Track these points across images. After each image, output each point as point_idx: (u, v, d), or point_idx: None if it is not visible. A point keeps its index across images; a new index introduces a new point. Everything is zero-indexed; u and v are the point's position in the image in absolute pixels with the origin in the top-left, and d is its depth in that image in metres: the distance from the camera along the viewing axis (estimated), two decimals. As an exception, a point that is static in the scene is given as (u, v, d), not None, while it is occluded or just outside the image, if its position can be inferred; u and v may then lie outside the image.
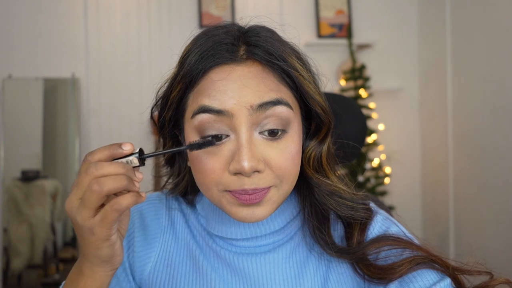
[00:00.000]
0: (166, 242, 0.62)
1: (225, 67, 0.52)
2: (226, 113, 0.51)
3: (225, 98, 0.51)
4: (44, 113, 2.54)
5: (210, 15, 2.61)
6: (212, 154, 0.52)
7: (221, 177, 0.52)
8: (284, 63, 0.53)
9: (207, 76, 0.53)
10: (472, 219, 2.36)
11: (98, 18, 2.54)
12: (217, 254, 0.60)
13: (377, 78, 2.75)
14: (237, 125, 0.51)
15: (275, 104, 0.51)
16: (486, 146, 2.21)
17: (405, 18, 2.86)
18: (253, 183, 0.51)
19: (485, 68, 2.22)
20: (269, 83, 0.52)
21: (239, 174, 0.51)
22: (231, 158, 0.51)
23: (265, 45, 0.53)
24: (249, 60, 0.53)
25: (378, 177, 2.64)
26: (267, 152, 0.52)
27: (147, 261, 0.60)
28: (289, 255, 0.60)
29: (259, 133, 0.52)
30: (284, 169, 0.52)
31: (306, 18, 2.75)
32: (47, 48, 2.50)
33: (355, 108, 1.02)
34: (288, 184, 0.54)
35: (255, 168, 0.50)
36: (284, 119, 0.52)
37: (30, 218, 2.44)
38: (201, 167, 0.53)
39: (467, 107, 2.37)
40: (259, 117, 0.51)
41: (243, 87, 0.51)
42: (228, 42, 0.53)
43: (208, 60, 0.52)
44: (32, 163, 2.51)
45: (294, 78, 0.54)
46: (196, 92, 0.53)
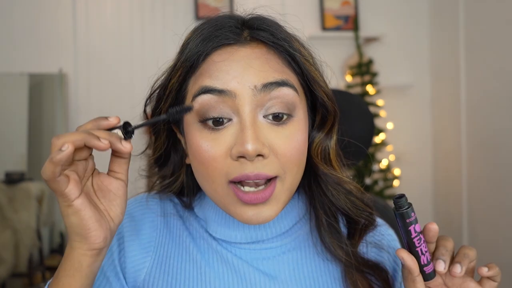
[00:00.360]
0: (163, 246, 0.61)
1: (228, 48, 0.54)
2: (229, 93, 0.51)
3: (228, 77, 0.52)
4: (30, 111, 2.54)
5: (206, 6, 2.61)
6: (213, 140, 0.52)
7: (224, 164, 0.52)
8: (289, 45, 0.54)
9: (208, 58, 0.54)
10: (487, 224, 2.35)
11: (87, 10, 2.54)
12: (222, 258, 0.60)
13: (385, 74, 2.75)
14: (240, 106, 0.51)
15: (280, 85, 0.52)
16: (502, 145, 2.21)
17: (415, 9, 2.86)
18: (256, 168, 0.51)
19: (500, 62, 2.22)
20: (274, 64, 0.54)
21: (242, 158, 0.51)
22: (234, 143, 0.51)
23: (270, 28, 0.55)
24: (253, 42, 0.55)
25: (387, 179, 2.64)
26: (272, 138, 0.52)
27: (141, 266, 0.60)
28: (300, 259, 0.61)
29: (264, 116, 0.53)
30: (289, 157, 0.53)
31: (309, 10, 2.76)
32: (33, 42, 2.50)
33: (362, 106, 1.02)
34: (292, 176, 0.54)
35: (260, 151, 0.50)
36: (289, 102, 0.53)
37: (14, 223, 2.44)
38: (202, 156, 0.53)
39: (482, 104, 2.37)
40: (264, 98, 0.52)
41: (247, 67, 0.52)
42: (232, 25, 0.55)
43: (210, 42, 0.54)
44: (17, 165, 2.51)
45: (299, 63, 0.55)
46: (197, 75, 0.54)
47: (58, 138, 0.44)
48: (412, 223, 0.51)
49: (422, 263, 0.52)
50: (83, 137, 0.45)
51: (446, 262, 0.52)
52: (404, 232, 0.52)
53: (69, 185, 0.46)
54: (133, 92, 2.51)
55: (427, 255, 0.52)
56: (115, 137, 0.48)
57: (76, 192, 0.46)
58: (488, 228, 2.34)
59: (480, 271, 0.52)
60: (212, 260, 0.60)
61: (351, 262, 0.59)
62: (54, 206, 2.53)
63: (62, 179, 0.45)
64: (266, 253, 0.60)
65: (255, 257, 0.60)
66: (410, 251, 0.52)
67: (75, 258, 0.48)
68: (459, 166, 2.56)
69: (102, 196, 0.51)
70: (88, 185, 0.50)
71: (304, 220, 0.63)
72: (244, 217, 0.53)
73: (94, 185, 0.51)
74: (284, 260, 0.60)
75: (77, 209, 0.47)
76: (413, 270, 0.51)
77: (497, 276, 0.52)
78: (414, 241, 0.51)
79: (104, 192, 0.51)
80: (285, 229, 0.61)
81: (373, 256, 0.63)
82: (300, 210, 0.63)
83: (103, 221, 0.49)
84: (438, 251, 0.53)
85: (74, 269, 0.48)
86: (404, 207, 0.51)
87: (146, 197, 0.66)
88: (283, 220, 0.61)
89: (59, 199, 0.47)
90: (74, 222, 0.47)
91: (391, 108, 2.77)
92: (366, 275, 0.60)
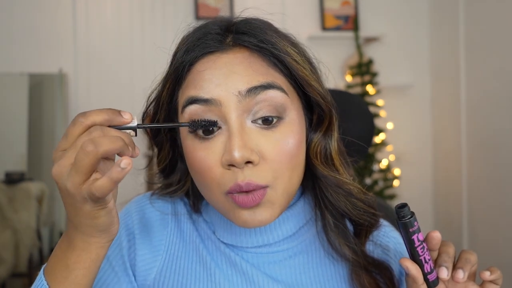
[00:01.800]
0: (174, 246, 0.61)
1: (211, 56, 0.53)
2: (214, 102, 0.51)
3: (211, 86, 0.51)
4: (30, 111, 2.54)
5: (207, 7, 2.62)
6: (206, 149, 0.52)
7: (217, 173, 0.52)
8: (273, 47, 0.53)
9: (193, 68, 0.54)
10: (487, 224, 2.35)
11: (87, 10, 2.54)
12: (230, 261, 0.60)
13: (385, 74, 2.75)
14: (227, 113, 0.51)
15: (266, 88, 0.51)
16: (502, 145, 2.22)
17: (415, 9, 2.86)
18: (246, 176, 0.50)
19: (501, 62, 2.22)
20: (258, 67, 0.52)
21: (232, 166, 0.50)
22: (224, 151, 0.51)
23: (254, 32, 0.54)
24: (236, 47, 0.54)
25: (387, 179, 2.64)
26: (262, 143, 0.51)
27: (152, 265, 0.60)
28: (307, 263, 0.61)
29: (252, 121, 0.52)
30: (279, 162, 0.52)
31: (309, 10, 2.76)
32: (33, 42, 2.50)
33: (362, 106, 1.02)
34: (284, 182, 0.53)
35: (247, 158, 0.49)
36: (278, 105, 0.52)
37: (14, 223, 2.44)
38: (198, 166, 0.53)
39: (482, 104, 2.37)
40: (250, 103, 0.51)
41: (230, 74, 0.51)
42: (215, 32, 0.54)
43: (193, 52, 0.53)
44: (17, 165, 2.51)
45: (286, 63, 0.54)
46: (184, 87, 0.54)
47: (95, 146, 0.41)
48: (415, 232, 0.51)
49: (425, 271, 0.52)
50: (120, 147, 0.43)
51: (449, 269, 0.52)
52: (407, 241, 0.51)
53: None
54: (133, 92, 2.51)
55: (430, 263, 0.52)
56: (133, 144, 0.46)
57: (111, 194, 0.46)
58: (488, 228, 2.34)
59: (482, 275, 0.52)
60: (221, 262, 0.60)
61: (358, 261, 0.59)
62: (54, 206, 2.53)
63: None
64: (273, 257, 0.60)
65: (262, 261, 0.60)
66: (413, 260, 0.52)
67: (93, 251, 0.47)
68: (459, 166, 2.56)
69: None
70: None
71: (310, 222, 0.63)
72: (241, 220, 0.52)
73: None
74: (291, 264, 0.60)
75: (110, 209, 0.46)
76: (417, 279, 0.51)
77: (498, 279, 0.53)
78: (417, 250, 0.51)
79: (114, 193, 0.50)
80: (291, 232, 0.60)
81: (379, 255, 0.63)
82: (307, 213, 0.63)
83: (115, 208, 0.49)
84: (440, 258, 0.53)
85: (90, 261, 0.48)
86: (407, 216, 0.51)
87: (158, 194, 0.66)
88: (289, 223, 0.61)
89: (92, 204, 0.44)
90: (105, 222, 0.46)
91: (391, 108, 2.77)
92: (374, 275, 0.60)
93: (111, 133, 0.45)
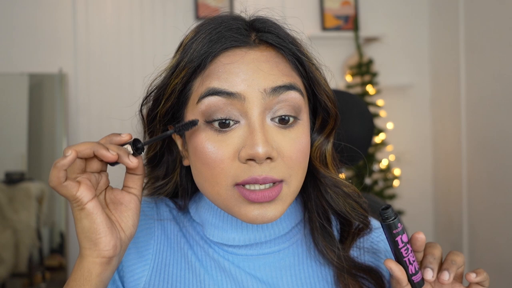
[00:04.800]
0: (161, 254, 0.61)
1: (237, 50, 0.54)
2: (238, 96, 0.51)
3: (237, 80, 0.52)
4: (30, 111, 2.54)
5: (207, 6, 2.62)
6: (219, 142, 0.52)
7: (231, 166, 0.52)
8: (297, 49, 0.55)
9: (216, 60, 0.54)
10: (487, 224, 2.35)
11: (87, 9, 2.54)
12: (219, 266, 0.59)
13: (385, 74, 2.75)
14: (249, 109, 0.51)
15: (289, 89, 0.53)
16: (503, 146, 2.21)
17: (415, 9, 2.86)
18: (264, 171, 0.51)
19: (501, 62, 2.22)
20: (283, 67, 0.54)
21: (251, 161, 0.51)
22: (242, 145, 0.51)
23: (277, 31, 0.55)
24: (262, 45, 0.55)
25: (387, 179, 2.64)
26: (279, 141, 0.53)
27: (140, 275, 0.59)
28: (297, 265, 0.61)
29: (271, 119, 0.53)
30: (295, 160, 0.53)
31: (309, 9, 2.75)
32: (33, 42, 2.50)
33: (362, 106, 1.02)
34: (297, 179, 0.55)
35: (269, 154, 0.50)
36: (296, 106, 0.54)
37: (14, 223, 2.44)
38: (208, 158, 0.52)
39: (482, 105, 2.37)
40: (272, 101, 0.52)
41: (257, 70, 0.52)
42: (239, 26, 0.55)
43: (218, 43, 0.54)
44: (17, 165, 2.51)
45: (306, 66, 0.56)
46: (204, 76, 0.54)
47: (68, 147, 0.46)
48: (399, 234, 0.51)
49: (410, 273, 0.52)
50: (92, 145, 0.46)
51: (434, 270, 0.52)
52: (391, 242, 0.52)
53: (80, 188, 0.47)
54: (133, 92, 2.51)
55: (415, 264, 0.52)
56: (123, 151, 0.49)
57: (89, 195, 0.48)
58: (488, 228, 2.34)
59: (468, 277, 0.52)
60: (210, 268, 0.59)
61: (342, 265, 0.59)
62: (54, 206, 2.53)
63: (70, 183, 0.46)
64: (264, 260, 0.60)
65: (253, 264, 0.59)
66: (398, 261, 0.52)
67: (85, 267, 0.49)
68: (459, 166, 2.56)
69: (114, 208, 0.52)
70: (101, 198, 0.52)
71: (300, 224, 0.63)
72: (249, 216, 0.52)
73: (107, 199, 0.52)
74: (282, 266, 0.60)
75: (90, 212, 0.48)
76: (401, 280, 0.52)
77: (485, 281, 0.52)
78: (401, 251, 0.51)
79: (116, 204, 0.52)
80: (283, 231, 0.60)
81: (369, 260, 0.63)
82: (299, 213, 0.63)
83: (114, 229, 0.50)
84: (426, 260, 0.53)
85: (83, 278, 0.48)
86: (391, 218, 0.51)
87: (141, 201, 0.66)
88: (282, 222, 0.61)
89: (71, 204, 0.48)
90: (85, 226, 0.48)
91: (391, 108, 2.77)
92: (359, 279, 0.60)
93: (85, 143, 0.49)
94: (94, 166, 0.49)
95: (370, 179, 2.61)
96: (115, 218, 0.51)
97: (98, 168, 0.50)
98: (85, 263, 0.49)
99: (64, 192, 0.46)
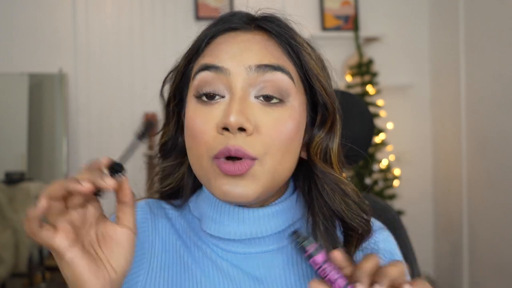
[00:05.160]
0: (156, 257, 0.60)
1: (232, 33, 0.57)
2: (224, 71, 0.54)
3: (226, 56, 0.55)
4: (30, 111, 2.54)
5: (207, 6, 2.61)
6: (205, 114, 0.54)
7: (210, 137, 0.53)
8: (291, 37, 0.57)
9: (214, 41, 0.57)
10: (487, 224, 2.35)
11: (87, 9, 2.54)
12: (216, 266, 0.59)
13: (385, 74, 2.75)
14: (232, 82, 0.54)
15: (275, 69, 0.54)
16: (503, 146, 2.21)
17: (415, 9, 2.86)
18: (237, 142, 0.52)
19: (501, 62, 2.22)
20: (273, 50, 0.56)
21: (226, 131, 0.52)
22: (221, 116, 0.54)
23: (278, 22, 0.58)
24: (258, 30, 0.58)
25: (387, 179, 2.64)
26: (260, 117, 0.53)
27: (135, 280, 0.58)
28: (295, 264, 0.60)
29: (255, 97, 0.54)
30: (273, 138, 0.53)
31: (309, 9, 2.76)
32: (33, 42, 2.50)
33: (362, 106, 1.02)
34: (274, 160, 0.54)
35: (242, 124, 0.51)
36: (283, 89, 0.54)
37: (14, 223, 2.44)
38: (193, 130, 0.55)
39: (482, 105, 2.37)
40: (257, 79, 0.54)
41: (246, 49, 0.55)
42: (243, 15, 0.59)
43: (217, 26, 0.58)
44: (17, 165, 2.51)
45: (300, 55, 0.57)
46: (202, 56, 0.57)
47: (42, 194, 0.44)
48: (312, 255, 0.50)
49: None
50: (61, 185, 0.43)
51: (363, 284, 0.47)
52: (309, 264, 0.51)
53: (57, 236, 0.44)
54: (133, 92, 2.51)
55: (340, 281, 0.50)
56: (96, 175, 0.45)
57: (66, 243, 0.45)
58: (488, 228, 2.34)
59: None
60: (207, 269, 0.59)
61: None
62: (54, 206, 2.54)
63: (46, 233, 0.44)
64: (261, 258, 0.60)
65: (251, 263, 0.59)
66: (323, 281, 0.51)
67: None
68: (459, 166, 2.56)
69: (103, 245, 0.49)
70: (91, 234, 0.48)
71: (300, 222, 0.63)
72: (222, 189, 0.53)
73: (98, 233, 0.49)
74: (279, 265, 0.60)
75: (69, 262, 0.45)
76: None
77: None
78: (319, 272, 0.51)
79: (107, 240, 0.49)
80: (280, 228, 0.60)
81: None
82: (297, 211, 0.63)
83: (101, 273, 0.47)
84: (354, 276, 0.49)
85: None
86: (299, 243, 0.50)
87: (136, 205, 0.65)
88: (279, 218, 0.60)
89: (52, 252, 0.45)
90: (68, 275, 0.46)
91: (391, 108, 2.77)
92: None
93: None
94: (75, 201, 0.46)
95: (370, 179, 2.61)
96: (104, 256, 0.48)
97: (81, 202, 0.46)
98: None
99: (41, 242, 0.44)
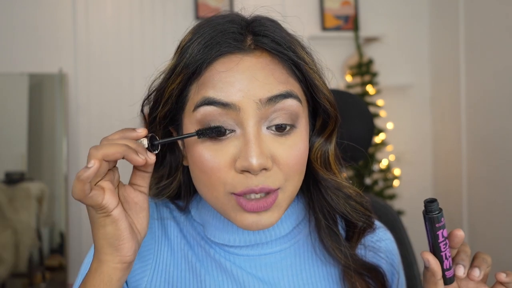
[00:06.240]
0: (162, 254, 0.60)
1: (232, 57, 0.53)
2: (233, 107, 0.51)
3: (233, 90, 0.51)
4: (30, 111, 2.54)
5: (207, 6, 2.61)
6: (216, 151, 0.52)
7: (227, 175, 0.52)
8: (294, 54, 0.54)
9: (211, 67, 0.53)
10: (487, 225, 2.35)
11: (87, 9, 2.54)
12: (221, 267, 0.59)
13: (385, 74, 2.75)
14: (245, 120, 0.51)
15: (285, 97, 0.52)
16: (503, 146, 2.21)
17: (415, 9, 2.86)
18: (260, 182, 0.51)
19: (501, 62, 2.22)
20: (279, 75, 0.53)
21: (246, 172, 0.51)
22: (237, 155, 0.51)
23: (273, 35, 0.54)
24: (257, 50, 0.53)
25: (387, 179, 2.64)
26: (275, 149, 0.52)
27: (140, 276, 0.59)
28: (299, 264, 0.60)
29: (267, 128, 0.52)
30: (291, 166, 0.53)
31: (309, 10, 2.75)
32: (33, 42, 2.50)
33: (361, 106, 1.02)
34: (293, 184, 0.54)
35: (264, 165, 0.50)
36: (293, 113, 0.53)
37: (14, 223, 2.44)
38: (205, 166, 0.52)
39: (482, 105, 2.37)
40: (268, 111, 0.51)
41: (252, 79, 0.51)
42: (235, 31, 0.54)
43: (213, 49, 0.52)
44: (17, 165, 2.51)
45: (303, 71, 0.54)
46: (200, 83, 0.53)
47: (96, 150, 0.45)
48: (441, 228, 0.52)
49: (444, 267, 0.52)
50: (123, 150, 0.45)
51: (466, 267, 0.53)
52: (431, 236, 0.52)
53: (105, 195, 0.46)
54: (133, 92, 2.51)
55: (450, 260, 0.53)
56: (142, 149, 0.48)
57: (114, 202, 0.47)
58: (488, 228, 2.34)
59: (498, 276, 0.53)
60: (211, 269, 0.59)
61: (349, 264, 0.59)
62: (54, 206, 2.53)
63: (96, 193, 0.45)
64: (265, 260, 0.60)
65: (254, 264, 0.59)
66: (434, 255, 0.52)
67: (105, 272, 0.48)
68: (459, 166, 2.56)
69: (129, 209, 0.51)
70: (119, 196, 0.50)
71: (303, 223, 0.63)
72: (245, 223, 0.53)
73: (120, 197, 0.50)
74: (283, 266, 0.60)
75: (116, 218, 0.47)
76: (436, 273, 0.52)
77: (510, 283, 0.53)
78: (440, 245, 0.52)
79: (131, 204, 0.51)
80: (285, 232, 0.60)
81: (371, 259, 0.63)
82: (300, 213, 0.63)
83: (134, 234, 0.49)
84: (459, 256, 0.54)
85: (103, 284, 0.48)
86: (435, 211, 0.52)
87: None
88: (283, 223, 0.60)
89: (95, 210, 0.47)
90: (110, 232, 0.47)
91: (391, 108, 2.77)
92: (365, 278, 0.60)
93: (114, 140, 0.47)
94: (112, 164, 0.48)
95: (370, 179, 2.61)
96: (131, 220, 0.50)
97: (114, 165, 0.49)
98: (105, 268, 0.48)
99: (90, 202, 0.45)
